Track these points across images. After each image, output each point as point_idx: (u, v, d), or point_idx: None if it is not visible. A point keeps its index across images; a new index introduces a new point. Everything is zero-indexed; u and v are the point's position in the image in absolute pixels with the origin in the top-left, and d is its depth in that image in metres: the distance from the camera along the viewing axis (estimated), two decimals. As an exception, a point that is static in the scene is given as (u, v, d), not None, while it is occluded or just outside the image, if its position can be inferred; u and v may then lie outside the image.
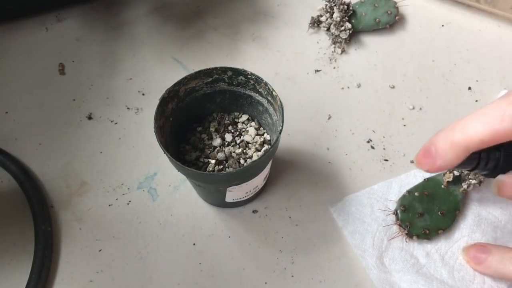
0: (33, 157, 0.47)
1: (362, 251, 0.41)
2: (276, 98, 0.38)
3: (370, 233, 0.42)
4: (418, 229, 0.41)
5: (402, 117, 0.50)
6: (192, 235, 0.43)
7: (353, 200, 0.44)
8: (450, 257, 0.41)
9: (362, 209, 0.43)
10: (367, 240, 0.42)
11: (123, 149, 0.48)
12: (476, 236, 0.42)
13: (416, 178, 0.45)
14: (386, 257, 0.41)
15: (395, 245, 0.41)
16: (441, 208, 0.42)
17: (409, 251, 0.41)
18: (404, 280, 0.39)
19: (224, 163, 0.42)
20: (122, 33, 0.57)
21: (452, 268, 0.40)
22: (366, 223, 0.43)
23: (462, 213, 0.43)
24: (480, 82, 0.52)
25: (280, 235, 0.42)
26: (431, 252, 0.41)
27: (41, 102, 0.51)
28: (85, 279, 0.41)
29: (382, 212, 0.43)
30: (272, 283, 0.40)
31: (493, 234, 0.42)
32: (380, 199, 0.44)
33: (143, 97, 0.52)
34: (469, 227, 0.42)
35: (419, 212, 0.42)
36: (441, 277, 0.40)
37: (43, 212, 0.43)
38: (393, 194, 0.44)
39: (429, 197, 0.42)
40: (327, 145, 0.48)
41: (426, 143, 0.32)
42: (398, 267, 0.40)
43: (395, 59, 0.54)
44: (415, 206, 0.42)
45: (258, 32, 0.57)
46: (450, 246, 0.41)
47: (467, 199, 0.43)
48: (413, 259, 0.41)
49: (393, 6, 0.56)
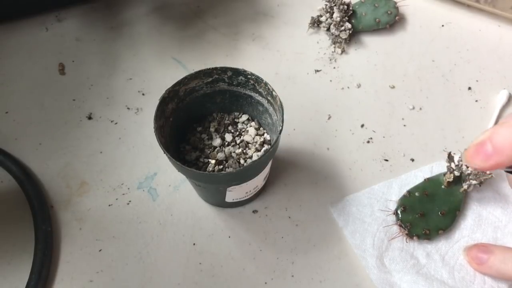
0: (33, 157, 0.47)
1: (362, 251, 0.41)
2: (276, 98, 0.38)
3: (370, 233, 0.42)
4: (419, 229, 0.41)
5: (402, 117, 0.50)
6: (192, 235, 0.43)
7: (353, 200, 0.44)
8: (450, 258, 0.41)
9: (362, 209, 0.43)
10: (367, 240, 0.42)
11: (123, 149, 0.48)
12: (476, 236, 0.42)
13: (417, 178, 0.45)
14: (386, 257, 0.41)
15: (396, 245, 0.41)
16: (442, 208, 0.42)
17: (409, 251, 0.41)
18: (404, 280, 0.39)
19: (224, 163, 0.42)
20: (122, 33, 0.57)
21: (452, 268, 0.40)
22: (367, 223, 0.42)
23: (463, 213, 0.43)
24: (480, 82, 0.52)
25: (280, 235, 0.42)
26: (431, 252, 0.41)
27: (41, 102, 0.51)
28: (85, 279, 0.41)
29: (383, 212, 0.43)
30: (272, 283, 0.40)
31: (494, 234, 0.42)
32: (381, 199, 0.44)
33: (143, 97, 0.52)
34: (469, 227, 0.42)
35: (419, 212, 0.42)
36: (441, 277, 0.40)
37: (43, 212, 0.43)
38: (394, 194, 0.44)
39: (430, 197, 0.42)
40: (327, 145, 0.48)
41: (478, 138, 0.29)
42: (398, 268, 0.40)
43: (395, 59, 0.54)
44: (416, 206, 0.42)
45: (258, 32, 0.57)
46: (450, 246, 0.41)
47: (467, 199, 0.43)
48: (414, 259, 0.41)
49: (393, 6, 0.56)
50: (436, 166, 0.46)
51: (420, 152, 0.47)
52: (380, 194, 0.44)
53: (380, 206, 0.43)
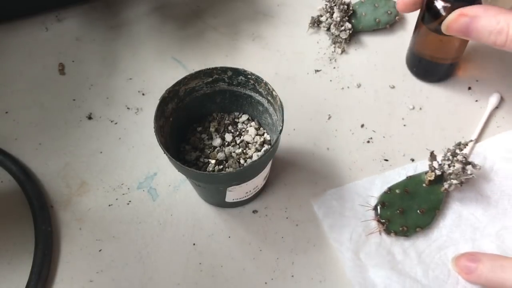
0: (33, 157, 0.47)
1: (340, 244, 0.41)
2: (276, 98, 0.38)
3: (348, 227, 0.42)
4: (397, 225, 0.41)
5: (402, 117, 0.50)
6: (192, 235, 0.43)
7: (335, 194, 0.44)
8: (427, 256, 0.41)
9: (343, 204, 0.43)
10: (345, 233, 0.42)
11: (123, 149, 0.48)
12: (455, 236, 0.42)
13: (400, 176, 0.45)
14: (363, 252, 0.41)
15: (373, 240, 0.42)
16: (421, 206, 0.42)
17: (386, 247, 0.41)
18: (378, 275, 0.40)
19: (224, 163, 0.42)
20: (122, 32, 0.57)
21: (427, 266, 0.40)
22: (346, 217, 0.43)
23: (443, 213, 0.43)
24: (480, 82, 0.52)
25: (280, 235, 0.42)
26: (408, 249, 0.41)
27: (41, 102, 0.51)
28: (85, 279, 0.41)
29: (363, 207, 0.43)
30: (272, 283, 0.40)
31: (472, 235, 0.42)
32: (362, 195, 0.44)
33: (143, 97, 0.52)
34: (448, 226, 0.42)
35: (398, 209, 0.42)
36: (415, 275, 0.40)
37: (43, 212, 0.43)
38: (376, 190, 0.44)
39: (410, 194, 0.42)
40: (327, 145, 0.48)
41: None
42: (373, 263, 0.40)
43: (395, 59, 0.54)
44: (395, 203, 0.42)
45: (258, 32, 0.57)
46: (428, 244, 0.41)
47: (449, 198, 0.43)
48: (390, 255, 0.41)
49: (393, 6, 0.56)
50: (421, 164, 0.46)
51: (420, 152, 0.47)
52: (362, 189, 0.44)
53: (361, 201, 0.44)
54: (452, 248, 0.41)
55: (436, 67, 0.50)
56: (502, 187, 0.44)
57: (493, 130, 0.48)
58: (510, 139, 0.47)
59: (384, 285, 0.39)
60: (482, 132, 0.48)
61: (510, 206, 0.43)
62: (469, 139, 0.44)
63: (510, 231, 0.42)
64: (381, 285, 0.39)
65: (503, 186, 0.44)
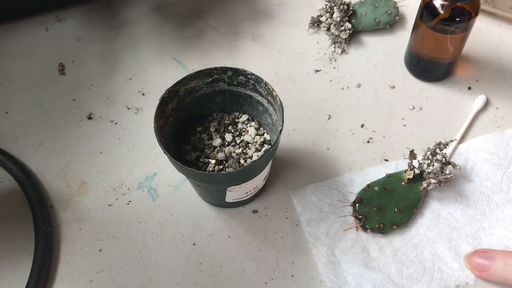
0: (33, 157, 0.47)
1: (315, 239, 0.41)
2: (276, 98, 0.38)
3: (325, 222, 0.42)
4: (373, 222, 0.41)
5: (402, 117, 0.50)
6: (192, 235, 0.43)
7: (315, 189, 0.44)
8: (402, 254, 0.41)
9: (322, 199, 0.44)
10: (321, 228, 0.42)
11: (123, 149, 0.48)
12: (431, 235, 0.42)
13: (381, 173, 0.45)
14: (338, 248, 0.41)
15: (349, 236, 0.42)
16: (399, 204, 0.42)
17: (362, 243, 0.41)
18: (351, 272, 0.40)
19: (224, 163, 0.42)
20: (122, 33, 0.57)
21: (402, 264, 0.40)
22: (323, 212, 0.43)
23: (421, 211, 0.43)
24: (480, 82, 0.52)
25: (280, 235, 0.42)
26: (384, 246, 0.41)
27: (41, 102, 0.51)
28: (85, 279, 0.41)
29: (341, 203, 0.43)
30: (272, 283, 0.40)
31: (449, 235, 0.42)
32: (342, 191, 0.44)
33: (143, 97, 0.52)
34: (425, 225, 0.42)
35: (376, 206, 0.42)
36: (388, 272, 0.40)
37: (43, 212, 0.43)
38: (355, 187, 0.44)
39: (388, 192, 0.42)
40: (327, 145, 0.48)
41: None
42: (347, 259, 0.40)
43: (395, 59, 0.54)
44: (373, 200, 0.42)
45: (258, 32, 0.57)
46: (404, 242, 0.41)
47: (428, 198, 0.44)
48: (365, 252, 0.41)
49: (393, 6, 0.56)
50: (402, 162, 0.46)
51: (420, 152, 0.47)
52: (342, 185, 0.44)
53: (340, 197, 0.44)
54: (428, 247, 0.41)
55: (434, 66, 0.50)
56: (482, 188, 0.44)
57: (479, 131, 0.48)
58: (492, 141, 0.47)
59: (355, 283, 0.39)
60: (467, 133, 0.48)
61: (488, 207, 0.43)
62: (449, 140, 0.44)
63: (487, 232, 0.42)
64: (352, 282, 0.39)
65: (483, 188, 0.44)
